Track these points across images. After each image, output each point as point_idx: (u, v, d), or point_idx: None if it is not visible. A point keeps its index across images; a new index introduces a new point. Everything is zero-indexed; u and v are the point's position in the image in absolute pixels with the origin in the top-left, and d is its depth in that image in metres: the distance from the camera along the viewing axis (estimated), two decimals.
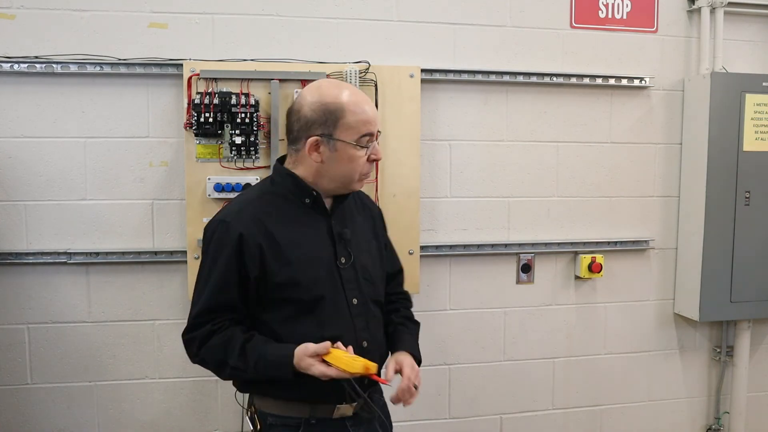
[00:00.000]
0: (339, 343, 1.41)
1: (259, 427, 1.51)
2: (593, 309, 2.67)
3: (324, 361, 1.38)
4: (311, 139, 1.43)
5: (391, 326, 1.68)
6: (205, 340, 1.43)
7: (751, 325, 2.73)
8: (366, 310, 1.53)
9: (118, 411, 2.34)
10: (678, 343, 2.76)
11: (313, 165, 1.46)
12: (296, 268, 1.44)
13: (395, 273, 1.77)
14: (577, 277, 2.63)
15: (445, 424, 2.57)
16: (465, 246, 2.49)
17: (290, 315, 1.46)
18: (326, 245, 1.50)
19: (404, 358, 1.56)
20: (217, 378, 2.33)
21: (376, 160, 1.51)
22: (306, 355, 1.39)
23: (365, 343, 1.50)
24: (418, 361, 1.61)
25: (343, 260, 1.50)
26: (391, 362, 1.56)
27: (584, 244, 2.60)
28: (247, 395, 1.57)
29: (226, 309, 1.45)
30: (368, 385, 1.48)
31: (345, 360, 1.38)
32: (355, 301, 1.51)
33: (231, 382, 1.55)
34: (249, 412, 1.55)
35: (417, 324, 1.75)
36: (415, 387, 1.51)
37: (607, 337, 2.69)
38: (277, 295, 1.44)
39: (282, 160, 1.55)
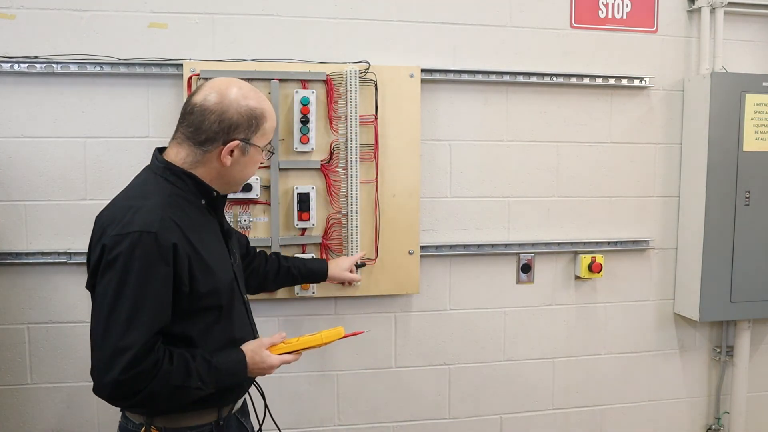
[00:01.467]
0: (283, 334, 1.53)
1: None
2: (593, 309, 2.67)
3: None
4: (232, 143, 1.37)
5: (284, 264, 1.94)
6: (154, 371, 1.27)
7: (751, 325, 2.73)
8: (249, 303, 1.61)
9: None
10: (678, 343, 2.76)
11: (216, 167, 1.40)
12: (216, 275, 1.41)
13: (247, 242, 1.93)
14: (577, 277, 2.63)
15: (445, 424, 2.57)
16: (465, 246, 2.49)
17: (210, 322, 1.42)
18: (223, 245, 1.50)
19: (337, 262, 2.05)
20: None
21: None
22: (263, 347, 1.46)
23: (258, 334, 1.60)
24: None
25: (232, 259, 1.53)
26: (341, 272, 2.02)
27: (584, 244, 2.60)
28: (137, 418, 1.44)
29: (161, 332, 1.31)
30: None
31: (315, 337, 1.52)
32: (245, 296, 1.57)
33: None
34: None
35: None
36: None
37: (607, 337, 2.69)
38: (201, 305, 1.38)
39: (161, 150, 1.46)
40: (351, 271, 2.09)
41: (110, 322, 1.26)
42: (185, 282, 1.33)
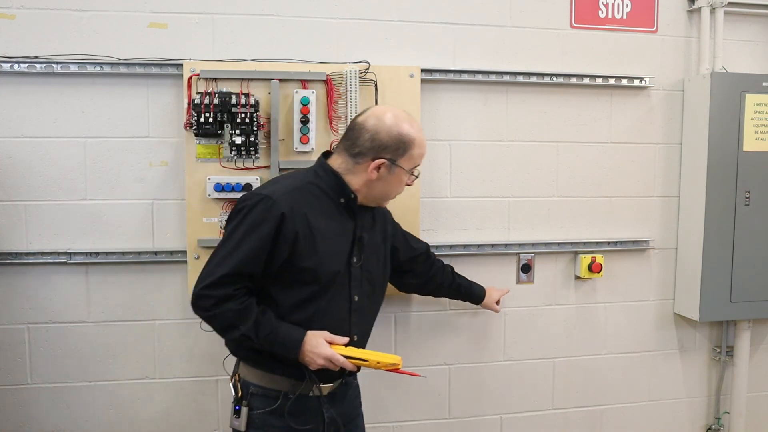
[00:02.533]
0: (346, 340, 1.65)
1: (240, 394, 1.67)
2: (593, 309, 2.67)
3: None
4: (378, 161, 1.62)
5: (456, 280, 2.22)
6: (223, 301, 1.54)
7: (751, 325, 2.73)
8: (362, 306, 1.74)
9: (118, 411, 2.34)
10: (678, 343, 2.76)
11: (364, 178, 1.65)
12: (321, 259, 1.61)
13: (426, 249, 2.15)
14: (577, 277, 2.63)
15: (445, 424, 2.57)
16: (465, 246, 2.49)
17: (301, 298, 1.61)
18: (346, 243, 1.68)
19: (491, 292, 2.32)
20: (217, 378, 2.34)
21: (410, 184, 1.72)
22: (323, 337, 1.58)
23: (356, 337, 1.72)
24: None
25: (354, 260, 1.70)
26: (491, 302, 2.31)
27: (584, 244, 2.60)
28: (233, 364, 1.75)
29: (248, 278, 1.57)
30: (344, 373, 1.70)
31: (370, 353, 1.62)
32: (356, 297, 1.69)
33: (227, 352, 1.75)
34: (233, 380, 1.71)
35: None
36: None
37: (607, 337, 2.69)
38: (297, 278, 1.60)
39: (326, 155, 1.72)
40: (497, 303, 2.35)
41: (216, 255, 1.58)
42: (284, 249, 1.56)
